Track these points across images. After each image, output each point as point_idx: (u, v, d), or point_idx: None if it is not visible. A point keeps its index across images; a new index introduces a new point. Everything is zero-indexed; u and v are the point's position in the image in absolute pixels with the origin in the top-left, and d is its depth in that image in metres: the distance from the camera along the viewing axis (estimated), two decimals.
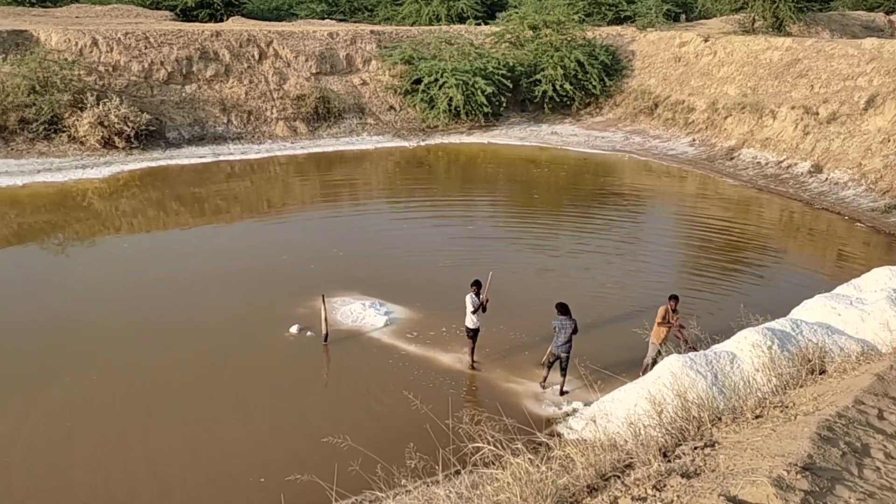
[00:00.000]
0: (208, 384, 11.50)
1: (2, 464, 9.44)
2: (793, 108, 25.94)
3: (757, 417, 5.19)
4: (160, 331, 13.23)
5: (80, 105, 25.42)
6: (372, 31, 34.17)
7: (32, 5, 39.54)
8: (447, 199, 23.62)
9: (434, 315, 13.67)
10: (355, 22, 43.07)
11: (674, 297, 11.60)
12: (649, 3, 37.86)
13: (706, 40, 32.51)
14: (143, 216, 20.83)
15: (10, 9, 36.99)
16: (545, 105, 32.27)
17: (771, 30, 33.46)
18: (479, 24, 38.06)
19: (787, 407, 5.28)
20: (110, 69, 27.53)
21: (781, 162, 24.74)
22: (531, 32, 34.17)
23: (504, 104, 31.78)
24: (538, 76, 32.38)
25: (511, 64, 32.39)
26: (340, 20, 43.45)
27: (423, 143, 29.54)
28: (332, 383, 12.07)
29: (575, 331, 11.16)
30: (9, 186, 21.82)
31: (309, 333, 13.04)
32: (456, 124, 30.93)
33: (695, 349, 10.85)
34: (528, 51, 33.56)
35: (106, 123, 24.95)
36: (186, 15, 39.76)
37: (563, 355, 11.22)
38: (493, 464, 5.11)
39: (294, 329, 13.14)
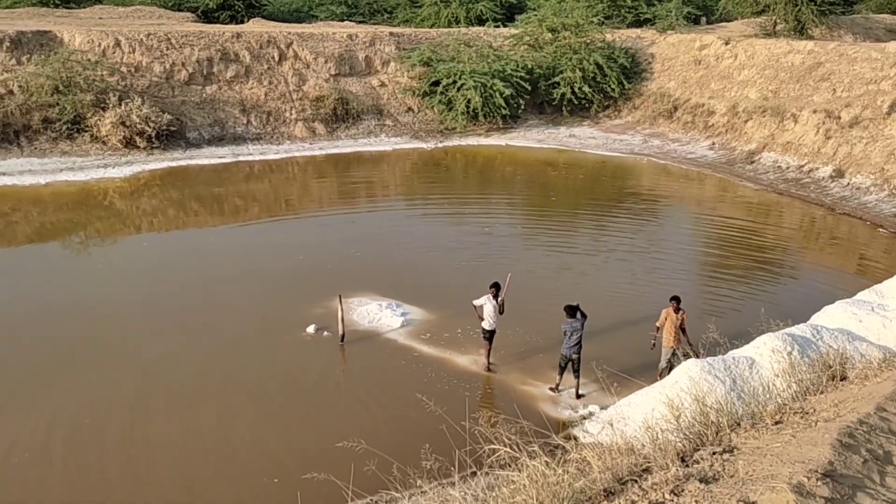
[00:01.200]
0: (224, 383, 11.57)
1: (25, 461, 9.57)
2: (814, 111, 25.67)
3: (777, 423, 5.14)
4: (177, 330, 13.34)
5: (102, 105, 25.71)
6: (391, 33, 34.27)
7: (57, 6, 40.07)
8: (465, 200, 23.63)
9: (450, 316, 13.66)
10: (374, 24, 43.22)
11: (675, 299, 11.54)
12: (669, 6, 37.62)
13: (727, 43, 32.26)
14: (163, 215, 21.04)
15: (34, 9, 37.52)
16: (563, 107, 32.17)
17: (793, 33, 33.13)
18: (497, 27, 38.00)
19: (807, 413, 5.22)
20: (132, 70, 27.83)
21: (802, 166, 24.49)
22: (550, 35, 34.09)
23: (522, 106, 31.70)
24: (556, 78, 32.30)
25: (529, 66, 32.34)
26: (360, 22, 43.62)
27: (440, 145, 29.57)
28: (349, 383, 12.11)
29: (584, 316, 11.21)
30: (32, 185, 22.12)
31: (326, 333, 13.09)
32: (474, 126, 30.92)
33: (689, 353, 10.80)
34: (546, 53, 33.49)
35: (128, 123, 25.22)
36: (208, 16, 40.12)
37: (575, 356, 11.21)
38: (509, 466, 5.09)
39: (311, 329, 13.19)
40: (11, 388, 11.19)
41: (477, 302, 11.99)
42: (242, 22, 38.96)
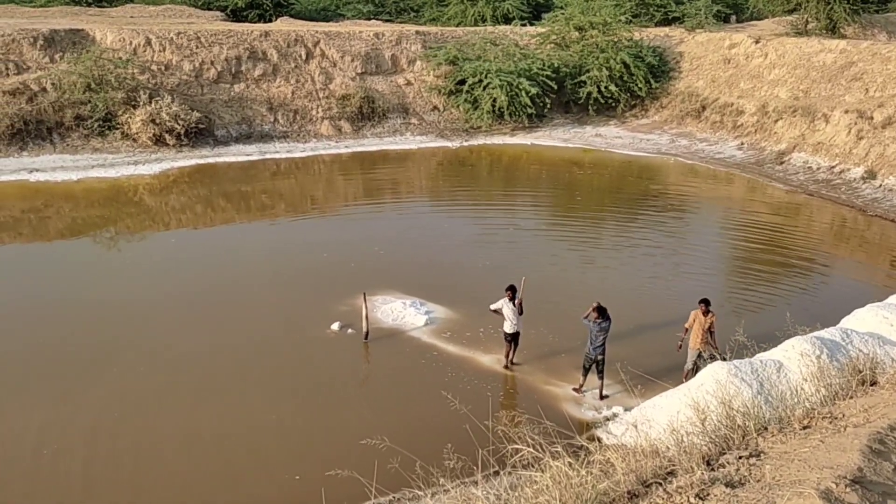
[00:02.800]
0: (249, 379, 11.69)
1: (52, 451, 9.76)
2: (846, 112, 25.22)
3: (805, 428, 5.07)
4: (203, 326, 13.50)
5: (133, 103, 26.07)
6: (417, 32, 34.30)
7: (89, 5, 40.69)
8: (489, 199, 23.59)
9: (474, 315, 13.63)
10: (401, 22, 43.29)
11: (704, 301, 11.43)
12: (699, 4, 37.17)
13: (757, 42, 31.81)
14: (191, 212, 21.29)
15: (67, 8, 38.15)
16: (590, 107, 31.95)
17: (825, 32, 32.57)
18: (524, 25, 37.86)
19: (836, 418, 5.14)
20: (163, 68, 28.20)
21: (833, 167, 24.09)
22: (577, 33, 33.88)
23: (548, 105, 31.53)
24: (583, 77, 32.10)
25: (556, 65, 32.16)
26: (386, 21, 43.72)
27: (466, 144, 29.56)
28: (372, 381, 12.17)
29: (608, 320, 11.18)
30: (64, 181, 22.51)
31: (350, 331, 13.16)
32: (499, 125, 30.85)
33: (715, 356, 10.69)
34: (573, 52, 33.28)
35: (157, 121, 25.55)
36: (236, 15, 40.48)
37: (600, 357, 11.17)
38: (532, 466, 5.08)
39: (335, 326, 13.27)
40: (41, 381, 11.40)
41: (494, 306, 11.97)
42: (270, 21, 39.25)
